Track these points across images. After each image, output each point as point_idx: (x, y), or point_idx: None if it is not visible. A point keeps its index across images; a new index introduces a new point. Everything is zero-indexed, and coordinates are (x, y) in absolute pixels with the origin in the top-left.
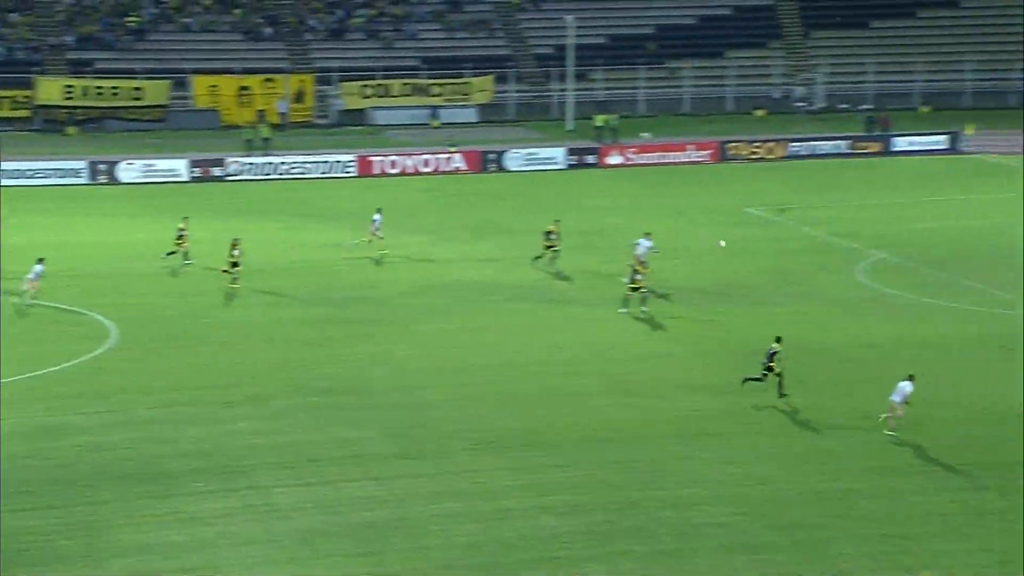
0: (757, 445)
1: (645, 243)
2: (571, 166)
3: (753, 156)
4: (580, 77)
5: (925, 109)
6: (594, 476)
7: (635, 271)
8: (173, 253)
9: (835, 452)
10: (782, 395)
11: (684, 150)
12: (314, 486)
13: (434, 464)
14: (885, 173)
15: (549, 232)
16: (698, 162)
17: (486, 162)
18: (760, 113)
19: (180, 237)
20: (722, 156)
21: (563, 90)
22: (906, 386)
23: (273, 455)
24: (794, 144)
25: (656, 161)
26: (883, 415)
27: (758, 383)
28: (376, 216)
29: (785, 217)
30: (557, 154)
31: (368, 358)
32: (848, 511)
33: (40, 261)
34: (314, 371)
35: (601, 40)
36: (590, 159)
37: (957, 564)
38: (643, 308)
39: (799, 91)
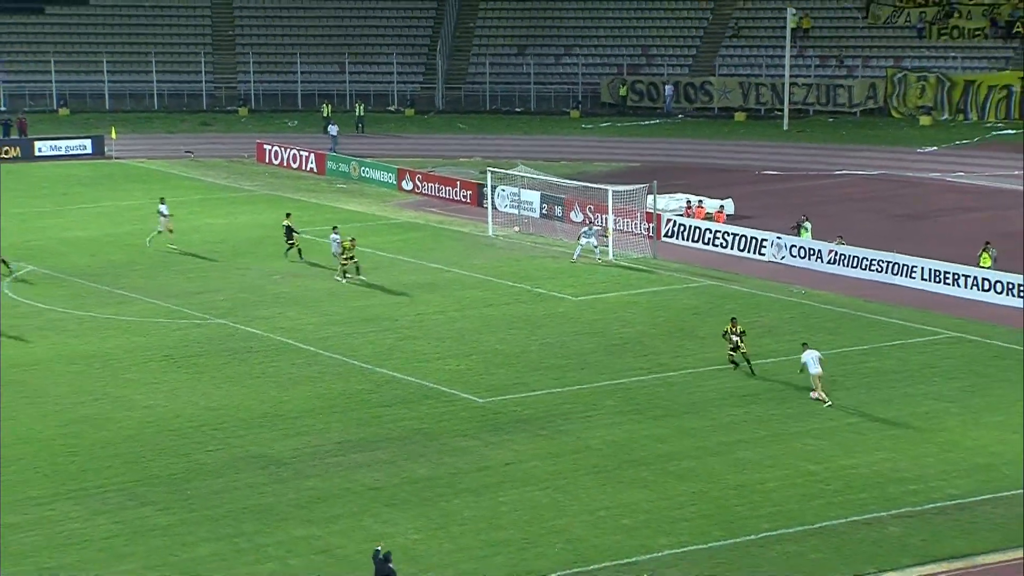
0: None
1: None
2: None
3: None
4: None
5: (64, 111)
6: None
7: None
8: None
9: None
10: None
11: None
12: None
13: None
14: (28, 180)
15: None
16: None
17: None
18: None
19: None
20: None
21: None
22: (813, 355)
23: None
24: None
25: None
26: (813, 395)
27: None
28: None
29: None
30: None
31: None
32: (3, 548)
33: None
34: None
35: None
36: None
37: None
38: None
39: None
